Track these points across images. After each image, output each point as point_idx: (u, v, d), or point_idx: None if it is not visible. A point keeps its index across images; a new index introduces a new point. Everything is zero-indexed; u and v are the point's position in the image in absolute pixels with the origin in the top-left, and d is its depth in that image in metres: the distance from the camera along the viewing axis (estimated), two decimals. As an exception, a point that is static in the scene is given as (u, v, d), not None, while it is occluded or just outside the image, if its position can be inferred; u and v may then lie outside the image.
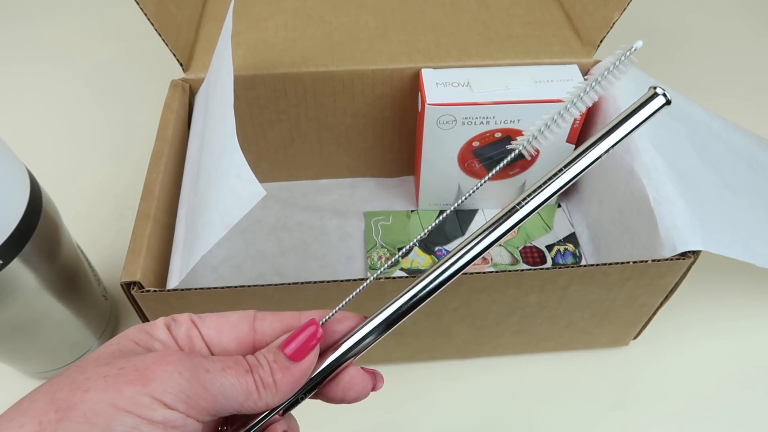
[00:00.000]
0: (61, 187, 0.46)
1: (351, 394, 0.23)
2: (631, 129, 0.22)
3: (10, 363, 0.43)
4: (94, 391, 0.19)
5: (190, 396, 0.20)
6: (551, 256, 0.49)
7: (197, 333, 0.23)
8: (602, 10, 0.47)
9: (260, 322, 0.23)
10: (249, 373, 0.21)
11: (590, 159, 0.22)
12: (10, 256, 0.33)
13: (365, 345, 0.23)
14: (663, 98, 0.21)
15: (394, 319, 0.23)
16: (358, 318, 0.24)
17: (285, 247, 0.51)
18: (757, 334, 0.47)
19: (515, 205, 0.23)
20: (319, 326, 0.23)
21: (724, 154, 0.45)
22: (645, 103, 0.22)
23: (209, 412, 0.20)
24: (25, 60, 0.71)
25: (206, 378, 0.20)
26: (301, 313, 0.24)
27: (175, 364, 0.20)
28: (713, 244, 0.35)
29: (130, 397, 0.19)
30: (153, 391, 0.19)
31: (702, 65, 0.70)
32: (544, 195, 0.23)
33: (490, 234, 0.23)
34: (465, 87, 0.44)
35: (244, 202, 0.30)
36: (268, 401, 0.21)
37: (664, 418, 0.43)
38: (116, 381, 0.19)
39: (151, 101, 0.51)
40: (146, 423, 0.19)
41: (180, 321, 0.23)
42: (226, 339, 0.23)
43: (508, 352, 0.46)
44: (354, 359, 0.23)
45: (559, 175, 0.22)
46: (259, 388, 0.21)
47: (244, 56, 0.47)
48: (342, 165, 0.55)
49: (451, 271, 0.23)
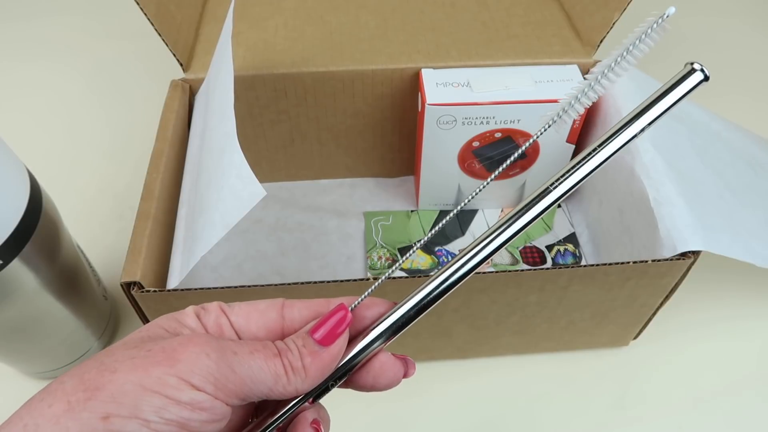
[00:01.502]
0: (61, 187, 0.46)
1: (382, 381, 0.23)
2: (668, 106, 0.21)
3: (10, 363, 0.43)
4: (121, 372, 0.19)
5: (218, 378, 0.19)
6: (551, 256, 0.49)
7: (226, 321, 0.23)
8: (602, 10, 0.47)
9: (289, 310, 0.23)
10: (278, 356, 0.21)
11: (627, 137, 0.21)
12: (10, 256, 0.33)
13: (395, 330, 0.23)
14: (701, 74, 0.21)
15: (425, 304, 0.23)
16: (388, 304, 0.24)
17: (285, 247, 0.51)
18: (757, 334, 0.47)
19: (548, 186, 0.22)
20: (348, 311, 0.22)
21: (724, 154, 0.45)
22: (682, 79, 0.21)
23: (237, 395, 0.20)
24: (25, 60, 0.71)
25: (234, 360, 0.20)
26: (330, 300, 0.24)
27: (203, 345, 0.20)
28: (713, 244, 0.35)
29: (158, 378, 0.19)
30: (180, 372, 0.19)
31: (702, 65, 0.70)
32: (582, 172, 0.22)
33: (529, 209, 0.22)
34: (465, 87, 0.44)
35: (245, 202, 0.30)
36: (297, 386, 0.21)
37: (664, 418, 0.43)
38: (144, 362, 0.19)
39: (151, 101, 0.51)
40: (173, 404, 0.19)
41: (209, 309, 0.23)
42: (255, 326, 0.23)
43: (508, 353, 0.46)
44: (384, 345, 0.23)
45: (594, 153, 0.21)
46: (288, 372, 0.21)
47: (244, 56, 0.47)
48: (342, 165, 0.55)
49: (486, 252, 0.22)
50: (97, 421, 0.18)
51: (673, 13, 0.21)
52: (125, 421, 0.18)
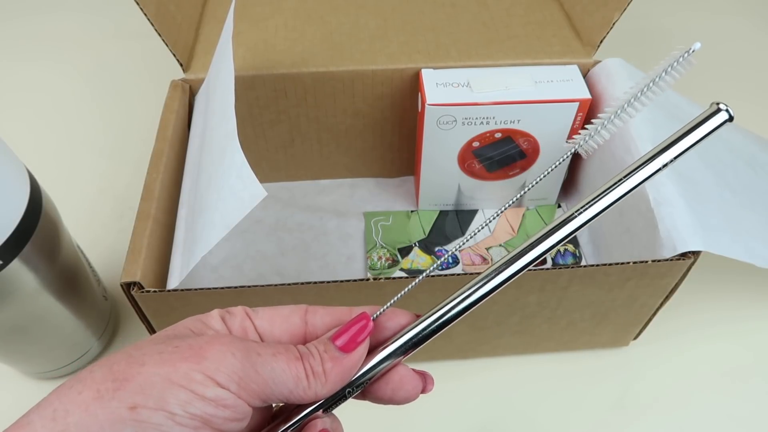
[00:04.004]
0: (61, 187, 0.46)
1: (401, 394, 0.23)
2: (691, 144, 0.22)
3: (10, 363, 0.43)
4: (150, 365, 0.19)
5: (242, 377, 0.20)
6: (551, 257, 0.49)
7: (251, 325, 0.23)
8: (602, 10, 0.47)
9: (311, 316, 0.24)
10: (299, 360, 0.21)
11: (649, 172, 0.22)
12: (10, 256, 0.33)
13: (416, 344, 0.23)
14: (726, 114, 0.21)
15: (449, 318, 0.23)
16: (410, 316, 0.24)
17: (285, 248, 0.51)
18: (757, 334, 0.47)
19: (576, 210, 0.24)
20: (370, 320, 0.23)
21: (724, 154, 0.45)
22: (707, 118, 0.21)
23: (259, 396, 0.21)
24: (25, 60, 0.71)
25: (258, 361, 0.21)
26: (352, 309, 0.24)
27: (229, 345, 0.20)
28: (713, 245, 0.35)
29: (184, 373, 0.19)
30: (206, 369, 0.19)
31: (702, 65, 0.69)
32: (602, 204, 0.24)
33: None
34: (465, 87, 0.44)
35: (245, 202, 0.30)
36: (317, 390, 0.22)
37: (664, 418, 0.43)
38: (171, 357, 0.20)
39: (151, 101, 0.51)
40: (199, 398, 0.19)
41: (234, 313, 0.23)
42: (279, 331, 0.23)
43: (508, 353, 0.46)
44: (404, 358, 0.23)
45: (618, 184, 0.23)
46: (309, 376, 0.21)
47: (244, 56, 0.47)
48: (342, 165, 0.55)
49: (517, 267, 0.23)
50: (125, 410, 0.18)
51: (698, 48, 0.21)
52: (151, 413, 0.19)
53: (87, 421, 0.18)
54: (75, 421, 0.18)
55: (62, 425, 0.18)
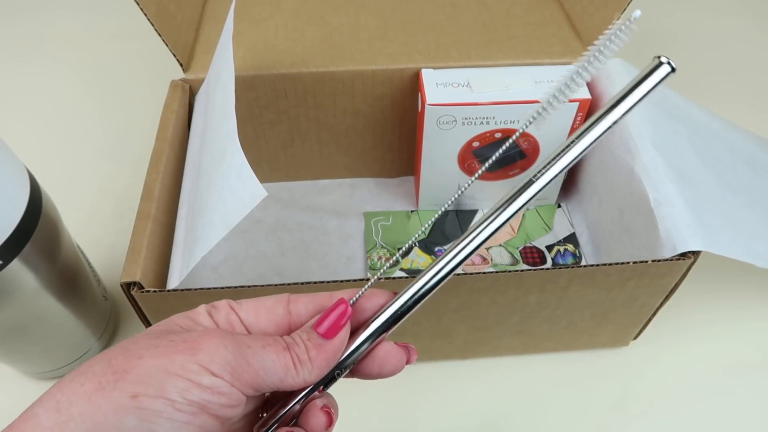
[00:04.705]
0: (61, 187, 0.46)
1: (387, 368, 0.25)
2: (638, 99, 0.22)
3: (10, 363, 0.43)
4: (147, 358, 0.20)
5: (235, 368, 0.21)
6: (551, 257, 0.49)
7: (236, 318, 0.24)
8: (602, 10, 0.47)
9: (294, 305, 0.25)
10: (287, 350, 0.23)
11: (597, 133, 0.23)
12: (10, 256, 0.33)
13: (396, 319, 0.24)
14: (668, 66, 0.22)
15: (423, 293, 0.24)
16: (388, 295, 0.25)
17: (285, 248, 0.51)
18: (758, 334, 0.47)
19: (532, 177, 0.23)
20: (348, 305, 0.24)
21: (724, 154, 0.45)
22: (650, 72, 0.22)
23: (252, 385, 0.22)
24: (25, 60, 0.71)
25: (248, 353, 0.22)
26: (332, 294, 0.25)
27: (221, 338, 0.21)
28: (713, 245, 0.35)
29: (181, 364, 0.20)
30: (201, 360, 0.21)
31: (702, 65, 0.70)
32: (554, 171, 0.23)
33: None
34: (465, 87, 0.44)
35: (245, 202, 0.30)
36: (305, 377, 0.23)
37: (664, 417, 0.43)
38: (167, 350, 0.21)
39: (151, 101, 0.51)
40: (196, 386, 0.20)
41: (219, 307, 0.24)
42: (264, 323, 0.24)
43: (508, 353, 0.46)
44: (386, 335, 0.24)
45: (567, 149, 0.23)
46: (296, 364, 0.22)
47: (244, 56, 0.47)
48: (342, 165, 0.55)
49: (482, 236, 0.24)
50: (127, 399, 0.19)
51: (639, 16, 0.22)
52: (152, 401, 0.20)
53: (90, 411, 0.19)
54: (79, 411, 0.19)
55: (66, 416, 0.19)
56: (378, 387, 0.44)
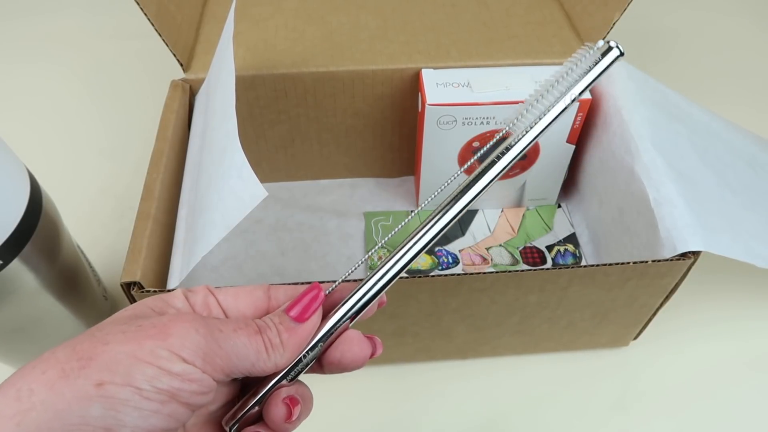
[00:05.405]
0: (62, 187, 0.46)
1: (348, 356, 0.24)
2: (589, 82, 0.24)
3: (10, 363, 0.43)
4: (114, 343, 0.20)
5: (207, 353, 0.20)
6: (551, 257, 0.49)
7: (214, 300, 0.24)
8: (602, 10, 0.47)
9: (274, 291, 0.25)
10: (258, 333, 0.22)
11: (554, 114, 0.25)
12: (10, 256, 0.33)
13: (362, 305, 0.24)
14: (617, 50, 0.24)
15: (388, 281, 0.24)
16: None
17: (285, 248, 0.51)
18: (757, 334, 0.47)
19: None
20: (321, 290, 0.24)
21: (724, 154, 0.45)
22: (602, 56, 0.24)
23: (224, 370, 0.21)
24: (25, 60, 0.71)
25: (220, 337, 0.21)
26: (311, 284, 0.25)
27: (192, 322, 0.21)
28: (713, 245, 0.35)
29: (150, 350, 0.20)
30: (171, 345, 0.20)
31: (702, 65, 0.70)
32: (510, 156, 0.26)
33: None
34: (465, 87, 0.44)
35: (246, 202, 0.30)
36: (276, 361, 0.23)
37: (664, 418, 0.43)
38: (136, 335, 0.20)
39: (151, 101, 0.51)
40: (165, 374, 0.19)
41: (197, 291, 0.24)
42: (243, 304, 0.24)
43: (508, 353, 0.46)
44: (350, 322, 0.24)
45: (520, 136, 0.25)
46: (267, 348, 0.22)
47: (244, 56, 0.47)
48: (342, 165, 0.55)
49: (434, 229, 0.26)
50: (92, 387, 0.19)
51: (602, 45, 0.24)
52: (118, 389, 0.19)
53: (53, 399, 0.18)
54: (41, 399, 0.18)
55: (27, 404, 0.18)
56: (377, 387, 0.44)
